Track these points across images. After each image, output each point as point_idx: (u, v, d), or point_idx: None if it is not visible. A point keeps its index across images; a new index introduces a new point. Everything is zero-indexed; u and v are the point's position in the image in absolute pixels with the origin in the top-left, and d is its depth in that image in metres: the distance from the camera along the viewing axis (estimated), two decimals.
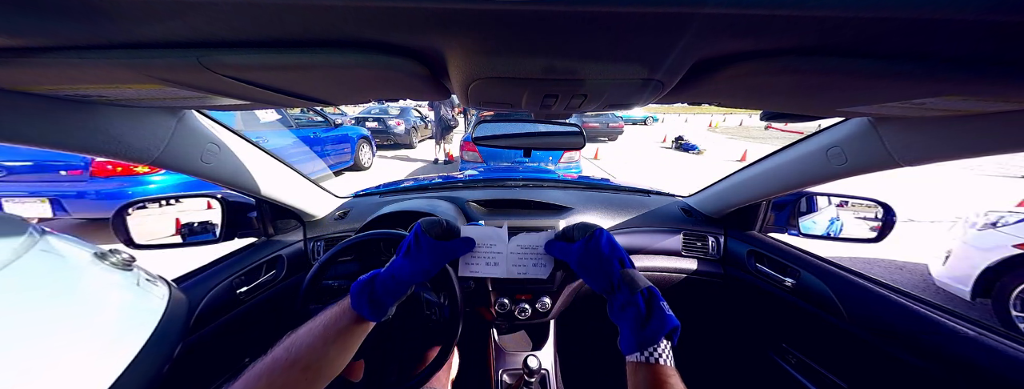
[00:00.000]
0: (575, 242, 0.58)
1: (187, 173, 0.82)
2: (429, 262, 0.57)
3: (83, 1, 0.25)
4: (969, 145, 0.61)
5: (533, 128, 1.29)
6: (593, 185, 1.74)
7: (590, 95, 0.46)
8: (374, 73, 0.40)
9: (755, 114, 0.79)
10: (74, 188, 3.24)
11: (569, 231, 0.61)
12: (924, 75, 0.35)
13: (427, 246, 0.57)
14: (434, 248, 0.58)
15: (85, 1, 0.25)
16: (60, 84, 0.46)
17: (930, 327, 0.81)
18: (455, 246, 0.60)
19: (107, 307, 0.28)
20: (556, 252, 0.61)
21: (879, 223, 1.11)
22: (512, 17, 0.26)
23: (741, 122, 31.09)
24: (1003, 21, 0.24)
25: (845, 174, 0.87)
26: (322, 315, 0.56)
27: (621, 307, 0.52)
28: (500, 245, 0.63)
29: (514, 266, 0.63)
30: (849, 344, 0.95)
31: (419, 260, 0.57)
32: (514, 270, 0.63)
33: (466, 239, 0.61)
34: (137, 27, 0.30)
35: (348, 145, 6.79)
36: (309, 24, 0.30)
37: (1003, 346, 0.72)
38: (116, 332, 0.28)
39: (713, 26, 0.27)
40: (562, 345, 1.35)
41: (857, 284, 0.98)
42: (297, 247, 1.24)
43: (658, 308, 0.50)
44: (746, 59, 0.35)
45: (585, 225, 0.60)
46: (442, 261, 0.59)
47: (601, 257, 0.55)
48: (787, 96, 0.50)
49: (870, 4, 0.22)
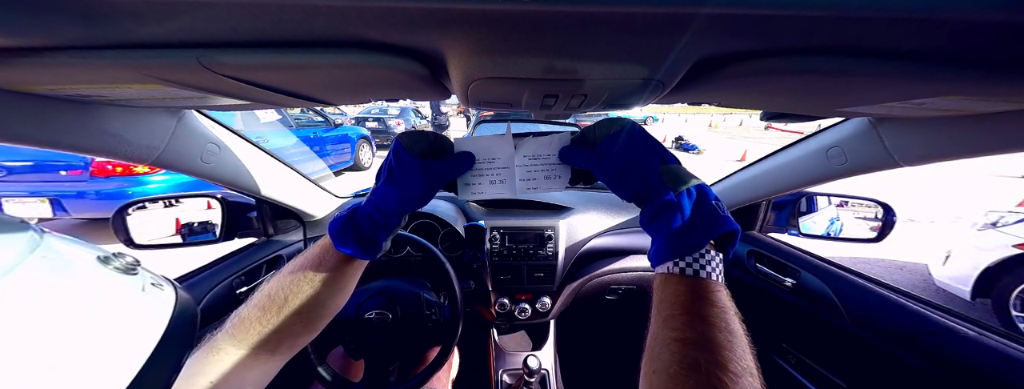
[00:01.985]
0: (599, 143, 0.46)
1: (187, 173, 0.82)
2: (420, 186, 0.47)
3: (83, 1, 0.25)
4: (969, 145, 0.61)
5: (533, 128, 1.29)
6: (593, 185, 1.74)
7: (590, 95, 0.46)
8: (374, 73, 0.40)
9: (755, 114, 0.79)
10: (74, 188, 3.25)
11: (589, 131, 0.48)
12: (924, 75, 0.35)
13: (413, 166, 0.46)
14: (423, 168, 0.47)
15: (85, 1, 0.25)
16: (60, 84, 0.46)
17: (930, 327, 0.81)
18: (451, 165, 0.49)
19: (111, 315, 0.27)
20: (574, 160, 0.48)
21: (879, 223, 1.11)
22: (512, 17, 0.26)
23: (741, 122, 31.09)
24: (1003, 21, 0.24)
25: (845, 174, 0.87)
26: (303, 257, 0.51)
27: (657, 212, 0.39)
28: (505, 158, 0.52)
29: (522, 181, 0.52)
30: (849, 344, 0.95)
31: (405, 184, 0.47)
32: (524, 187, 0.52)
33: (463, 155, 0.50)
34: (137, 27, 0.30)
35: (348, 145, 6.80)
36: (309, 24, 0.30)
37: (1003, 346, 0.72)
38: (121, 342, 0.27)
39: (713, 26, 0.27)
40: (562, 345, 1.36)
41: (857, 284, 0.98)
42: (297, 247, 1.24)
43: (709, 207, 0.37)
44: (746, 59, 0.35)
45: (610, 120, 0.46)
46: (436, 184, 0.48)
47: (633, 156, 0.43)
48: (787, 96, 0.50)
49: (871, 4, 0.22)
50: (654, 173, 0.41)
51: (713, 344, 0.31)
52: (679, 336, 0.32)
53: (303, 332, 0.51)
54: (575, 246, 1.30)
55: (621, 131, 0.44)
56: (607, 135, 0.45)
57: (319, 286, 0.49)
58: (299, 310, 0.48)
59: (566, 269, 1.28)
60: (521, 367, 0.99)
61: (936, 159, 0.67)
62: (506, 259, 1.25)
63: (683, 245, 0.36)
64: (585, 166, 0.47)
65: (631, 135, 0.44)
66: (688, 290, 0.35)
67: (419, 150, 0.48)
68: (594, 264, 1.30)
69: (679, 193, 0.39)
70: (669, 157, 0.43)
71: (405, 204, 0.47)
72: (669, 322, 0.34)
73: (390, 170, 0.48)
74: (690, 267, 0.36)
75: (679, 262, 0.36)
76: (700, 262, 0.36)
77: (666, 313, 0.34)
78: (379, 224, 0.48)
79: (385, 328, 0.90)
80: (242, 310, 0.49)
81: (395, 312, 0.92)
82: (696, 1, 0.23)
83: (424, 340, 1.02)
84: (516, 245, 1.25)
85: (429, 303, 0.97)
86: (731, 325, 0.32)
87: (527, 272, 1.25)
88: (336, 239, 0.48)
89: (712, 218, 0.37)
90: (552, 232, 1.26)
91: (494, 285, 1.25)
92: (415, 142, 0.47)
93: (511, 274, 1.25)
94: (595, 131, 0.47)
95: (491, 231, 1.26)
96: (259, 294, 0.50)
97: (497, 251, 1.25)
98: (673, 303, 0.35)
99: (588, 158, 0.46)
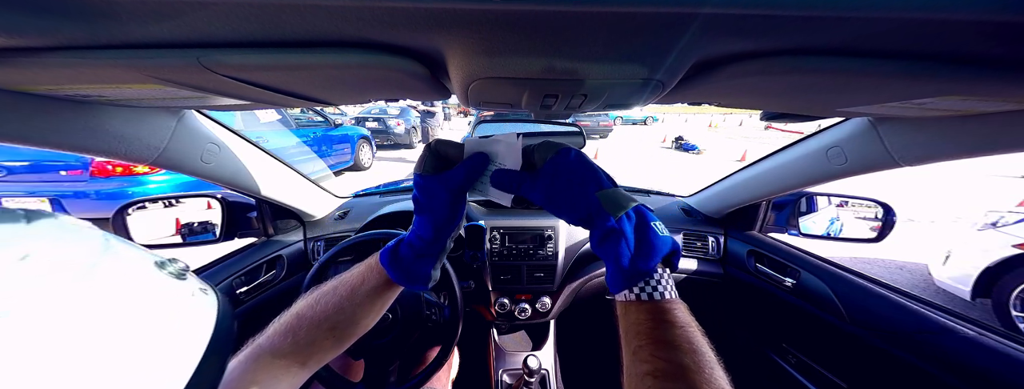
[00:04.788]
0: (537, 169, 0.44)
1: (187, 173, 0.82)
2: (447, 203, 0.46)
3: (83, 1, 0.25)
4: (969, 145, 0.61)
5: (533, 128, 1.29)
6: None
7: (590, 95, 0.46)
8: (374, 73, 0.40)
9: (755, 114, 0.79)
10: (74, 188, 3.24)
11: (529, 155, 0.46)
12: (924, 75, 0.35)
13: (434, 186, 0.46)
14: (443, 183, 0.46)
15: (85, 1, 0.25)
16: (60, 84, 0.46)
17: (930, 327, 0.81)
18: (466, 170, 0.46)
19: (170, 319, 0.28)
20: (510, 187, 0.46)
21: (879, 223, 1.11)
22: (512, 17, 0.26)
23: (741, 122, 31.08)
24: (1003, 21, 0.24)
25: (845, 174, 0.87)
26: (349, 274, 0.51)
27: (602, 238, 0.40)
28: (511, 165, 0.47)
29: None
30: (849, 344, 0.95)
31: (434, 207, 0.46)
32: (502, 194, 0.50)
33: (475, 157, 0.47)
34: (137, 27, 0.30)
35: (348, 145, 6.79)
36: (309, 24, 0.30)
37: (1003, 346, 0.72)
38: (179, 345, 0.27)
39: (713, 26, 0.27)
40: (562, 345, 1.36)
41: (857, 284, 0.98)
42: (297, 247, 1.24)
43: (650, 231, 0.38)
44: (746, 59, 0.35)
45: (547, 145, 0.44)
46: (460, 196, 0.47)
47: (570, 183, 0.42)
48: (787, 96, 0.50)
49: (870, 4, 0.22)
50: (593, 200, 0.41)
51: (683, 370, 0.32)
52: (650, 369, 0.34)
53: (332, 348, 0.51)
54: (575, 246, 1.30)
55: (557, 157, 0.43)
56: (544, 161, 0.44)
57: (357, 305, 0.50)
58: (333, 326, 0.49)
59: (566, 269, 1.28)
60: (521, 367, 0.99)
61: (936, 159, 0.67)
62: (506, 259, 1.25)
63: (633, 272, 0.38)
64: (523, 194, 0.46)
65: (566, 162, 0.43)
66: (649, 317, 0.37)
67: (430, 167, 0.47)
68: (594, 264, 1.30)
69: (619, 218, 0.40)
70: (605, 181, 0.43)
71: (440, 231, 0.47)
72: (638, 354, 0.35)
73: (416, 201, 0.48)
74: (644, 291, 0.37)
75: (634, 289, 0.38)
76: (651, 285, 0.37)
77: (634, 344, 0.36)
78: (419, 251, 0.48)
79: (385, 328, 0.90)
80: (281, 319, 0.50)
81: (395, 312, 0.92)
82: (696, 1, 0.23)
83: (424, 340, 1.02)
84: (516, 245, 1.25)
85: (429, 303, 0.97)
86: (694, 343, 0.34)
87: (527, 272, 1.25)
88: (389, 270, 0.49)
89: (654, 242, 0.38)
90: (552, 232, 1.26)
91: (494, 285, 1.25)
92: (423, 162, 0.47)
93: (511, 274, 1.25)
94: (533, 155, 0.45)
95: (491, 231, 1.26)
96: (298, 305, 0.51)
97: (497, 251, 1.25)
98: (638, 333, 0.36)
99: (528, 186, 0.45)
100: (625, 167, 9.08)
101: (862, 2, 0.22)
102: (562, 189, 0.43)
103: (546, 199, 0.44)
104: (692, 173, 8.30)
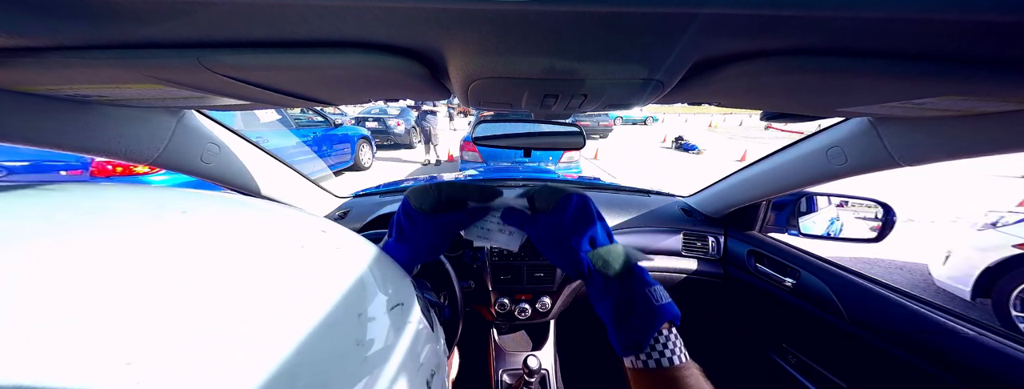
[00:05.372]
0: (538, 215, 0.45)
1: (187, 173, 0.82)
2: (431, 238, 0.46)
3: (84, 1, 0.25)
4: (969, 145, 0.61)
5: (533, 128, 1.29)
6: (593, 185, 1.74)
7: (590, 95, 0.46)
8: (374, 73, 0.40)
9: (755, 114, 0.79)
10: None
11: (532, 199, 0.46)
12: (924, 75, 0.35)
13: (422, 222, 0.46)
14: (434, 222, 0.46)
15: (86, 1, 0.25)
16: (60, 84, 0.46)
17: (930, 327, 0.81)
18: (465, 217, 0.48)
19: None
20: (516, 223, 0.47)
21: (879, 223, 1.11)
22: (512, 17, 0.26)
23: (741, 122, 31.10)
24: (1003, 21, 0.24)
25: (845, 174, 0.87)
26: None
27: (596, 298, 0.41)
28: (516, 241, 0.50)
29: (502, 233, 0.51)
30: (849, 344, 0.95)
31: (415, 240, 0.46)
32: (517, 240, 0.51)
33: (475, 209, 0.49)
34: (137, 27, 0.30)
35: (348, 145, 6.80)
36: (309, 24, 0.30)
37: (1003, 346, 0.72)
38: None
39: (713, 26, 0.27)
40: (562, 345, 1.35)
41: (857, 284, 0.98)
42: None
43: (641, 296, 0.38)
44: (746, 59, 0.35)
45: (552, 190, 0.45)
46: (449, 235, 0.48)
47: (564, 236, 0.42)
48: (787, 96, 0.50)
49: (871, 4, 0.22)
50: (584, 258, 0.41)
51: None
52: None
53: None
54: None
55: (555, 209, 0.43)
56: (546, 208, 0.44)
57: None
58: None
59: None
60: (521, 367, 0.99)
61: (936, 159, 0.67)
62: (506, 259, 1.25)
63: (632, 340, 0.37)
64: (526, 233, 0.47)
65: (559, 217, 0.42)
66: (659, 384, 0.36)
67: (428, 206, 0.46)
68: None
69: (610, 282, 0.39)
70: (601, 237, 0.43)
71: (416, 256, 0.47)
72: None
73: (399, 228, 0.47)
74: (651, 358, 0.36)
75: (640, 356, 0.37)
76: (657, 351, 0.36)
77: None
78: None
79: None
80: None
81: None
82: (696, 1, 0.23)
83: None
84: None
85: (429, 303, 0.97)
86: None
87: (527, 272, 1.25)
88: None
89: (649, 312, 0.37)
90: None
91: (494, 285, 1.25)
92: (424, 199, 0.46)
93: (511, 274, 1.25)
94: (535, 201, 0.46)
95: None
96: None
97: (497, 251, 1.25)
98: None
99: (529, 227, 0.45)
100: (625, 167, 9.08)
101: (863, 2, 0.22)
102: (552, 245, 0.43)
103: (543, 248, 0.44)
104: (692, 173, 8.30)
